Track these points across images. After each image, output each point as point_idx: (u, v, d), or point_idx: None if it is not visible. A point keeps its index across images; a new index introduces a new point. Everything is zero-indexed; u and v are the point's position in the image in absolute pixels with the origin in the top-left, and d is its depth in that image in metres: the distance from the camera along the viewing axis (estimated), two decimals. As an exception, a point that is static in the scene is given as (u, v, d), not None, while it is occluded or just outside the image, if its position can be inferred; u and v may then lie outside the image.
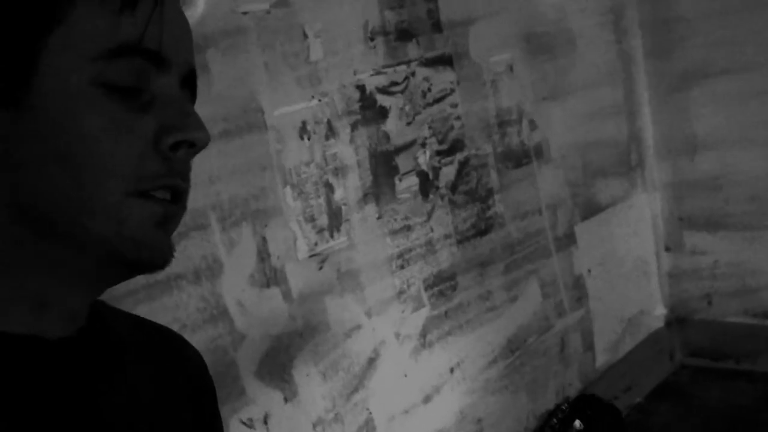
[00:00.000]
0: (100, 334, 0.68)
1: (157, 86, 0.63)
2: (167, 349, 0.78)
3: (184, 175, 0.65)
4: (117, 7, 0.61)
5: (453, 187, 2.17)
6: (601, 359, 2.75)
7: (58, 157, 0.60)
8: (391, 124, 1.99)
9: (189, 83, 0.67)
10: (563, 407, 0.83)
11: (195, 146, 0.65)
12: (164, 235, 0.64)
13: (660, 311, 3.07)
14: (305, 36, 1.77)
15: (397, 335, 2.00)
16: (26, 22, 0.59)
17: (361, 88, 1.91)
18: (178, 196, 0.65)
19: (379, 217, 1.95)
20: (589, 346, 2.70)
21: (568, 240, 2.60)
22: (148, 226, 0.63)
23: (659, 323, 3.06)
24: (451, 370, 2.15)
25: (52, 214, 0.61)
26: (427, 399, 2.08)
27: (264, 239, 1.68)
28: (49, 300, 0.63)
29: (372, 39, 1.94)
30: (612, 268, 2.81)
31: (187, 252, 1.53)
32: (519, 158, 2.40)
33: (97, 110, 0.60)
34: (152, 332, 0.78)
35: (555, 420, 0.82)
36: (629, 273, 2.91)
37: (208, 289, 1.57)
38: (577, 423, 0.83)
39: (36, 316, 0.63)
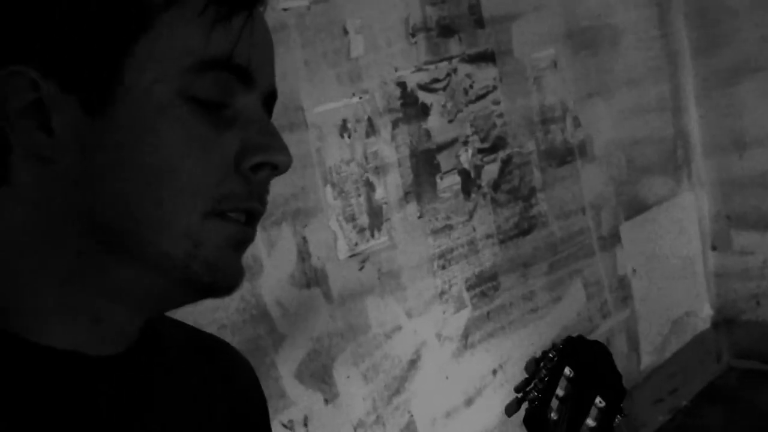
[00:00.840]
0: (148, 352, 0.65)
1: (241, 104, 0.60)
2: (218, 365, 0.75)
3: (263, 197, 0.62)
4: (211, 18, 0.58)
5: (495, 186, 2.13)
6: (647, 361, 2.70)
7: (138, 170, 0.57)
8: (433, 122, 1.96)
9: (268, 104, 0.64)
10: (551, 355, 0.80)
11: (277, 169, 0.61)
12: (237, 258, 0.61)
13: (707, 312, 3.01)
14: (346, 32, 1.74)
15: (439, 336, 1.97)
16: (114, 26, 0.56)
17: (402, 85, 1.88)
18: (253, 219, 0.62)
19: (420, 216, 1.92)
20: (634, 348, 2.65)
21: (612, 239, 2.55)
22: (224, 249, 0.60)
23: (706, 324, 2.99)
24: (494, 372, 2.11)
25: (124, 230, 0.58)
26: (469, 401, 2.04)
27: (304, 239, 1.66)
28: (103, 316, 0.61)
29: (413, 35, 1.91)
30: (657, 268, 2.75)
31: (227, 252, 1.51)
32: (562, 156, 2.36)
33: (182, 125, 0.57)
34: (204, 347, 0.75)
35: (544, 371, 0.79)
36: (675, 273, 2.86)
37: (248, 289, 1.56)
38: (567, 370, 0.79)
39: (87, 332, 0.60)
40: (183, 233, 0.58)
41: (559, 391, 0.87)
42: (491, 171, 2.13)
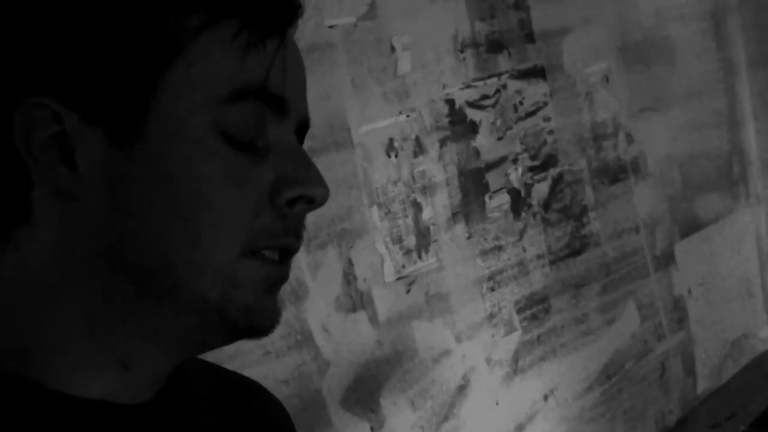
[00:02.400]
0: (178, 397, 0.61)
1: (275, 134, 0.57)
2: (250, 408, 0.71)
3: (299, 233, 0.59)
4: (244, 44, 0.55)
5: (546, 205, 2.08)
6: (703, 385, 2.62)
7: (171, 206, 0.53)
8: (482, 140, 1.91)
9: (300, 133, 0.61)
10: None
11: (314, 203, 0.58)
12: (273, 299, 0.58)
13: (765, 333, 2.92)
14: (393, 49, 1.71)
15: (488, 361, 1.92)
16: (144, 52, 0.53)
17: (450, 102, 1.84)
18: (287, 256, 0.58)
19: (468, 237, 1.87)
20: (689, 371, 2.57)
21: (666, 259, 2.48)
22: (260, 291, 0.56)
23: (765, 346, 2.90)
24: (545, 398, 2.05)
25: (156, 270, 0.54)
26: (519, 428, 1.99)
27: (350, 261, 1.62)
28: (133, 362, 0.57)
29: (462, 51, 1.86)
30: (714, 288, 2.68)
31: (271, 276, 1.48)
32: (615, 173, 2.30)
33: (216, 157, 0.54)
34: (234, 389, 0.72)
35: None
36: (732, 293, 2.78)
37: (292, 313, 1.52)
38: None
39: (115, 379, 0.56)
40: (220, 273, 0.54)
41: None
42: (542, 190, 2.07)
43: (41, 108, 0.53)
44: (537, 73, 2.06)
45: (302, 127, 0.61)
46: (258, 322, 0.57)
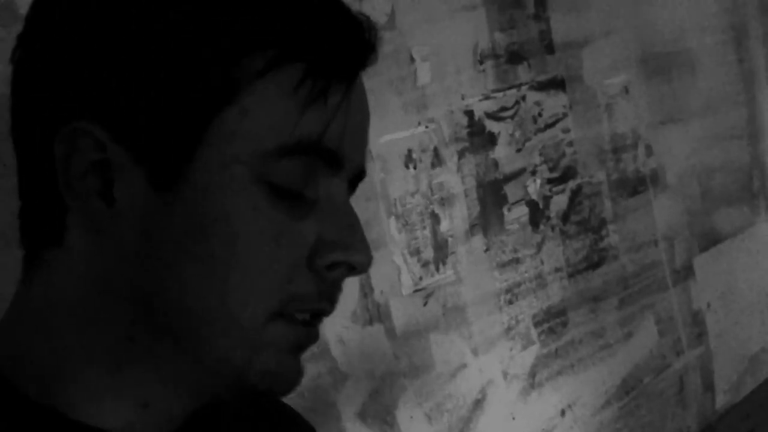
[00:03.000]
0: (203, 427, 0.60)
1: (323, 188, 0.54)
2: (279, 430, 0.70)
3: (333, 297, 0.57)
4: (304, 97, 0.51)
5: (564, 217, 2.06)
6: (721, 400, 2.59)
7: (204, 259, 0.51)
8: (500, 151, 1.90)
9: (354, 184, 0.58)
10: None
11: (354, 270, 0.56)
12: (297, 361, 0.56)
13: (785, 349, 2.88)
14: (412, 60, 1.70)
15: (505, 375, 1.90)
16: (198, 95, 0.49)
17: (469, 113, 1.82)
18: (318, 319, 0.57)
19: (486, 250, 1.86)
20: (708, 387, 2.54)
21: (686, 272, 2.46)
22: (284, 354, 0.54)
23: (784, 362, 2.87)
24: (562, 413, 2.03)
25: (181, 324, 0.52)
26: (536, 443, 1.96)
27: (367, 273, 1.60)
28: (152, 401, 0.55)
29: (481, 62, 1.85)
30: (733, 302, 2.65)
31: (288, 287, 1.47)
32: (634, 186, 2.28)
33: (257, 212, 0.51)
34: (263, 411, 0.70)
35: None
36: (752, 307, 2.74)
37: (309, 326, 1.50)
38: None
39: (134, 415, 0.55)
40: (244, 337, 0.52)
41: None
42: (560, 202, 2.05)
43: (85, 134, 0.50)
44: (556, 84, 2.05)
45: (357, 177, 0.58)
46: (277, 386, 0.55)
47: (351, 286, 1.58)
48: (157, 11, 0.49)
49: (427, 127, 1.73)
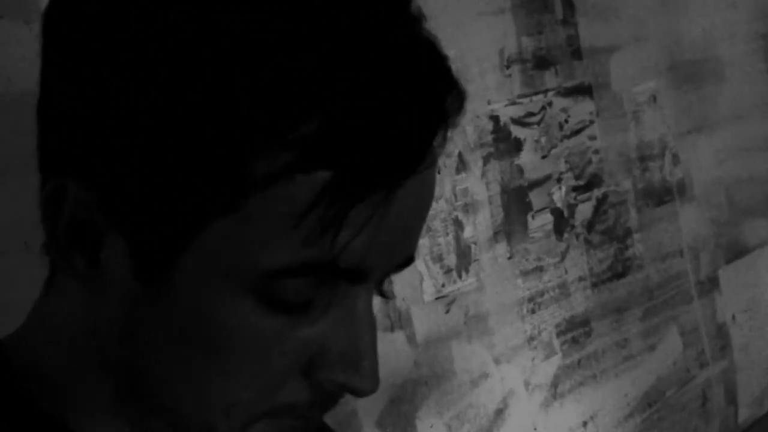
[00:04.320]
0: None
1: (341, 295, 0.46)
2: None
3: (327, 408, 0.50)
4: (319, 216, 0.41)
5: (589, 226, 2.03)
6: (744, 414, 2.54)
7: (184, 363, 0.45)
8: (526, 158, 1.87)
9: (394, 271, 0.51)
10: None
11: (354, 393, 0.49)
12: None
13: (810, 363, 2.83)
14: (438, 64, 1.67)
15: (527, 385, 1.87)
16: (200, 192, 0.41)
17: (494, 118, 1.80)
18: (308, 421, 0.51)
19: (510, 257, 1.83)
20: (731, 400, 2.50)
21: (711, 284, 2.42)
22: None
23: (809, 377, 2.82)
24: (584, 424, 2.00)
25: (160, 409, 0.48)
26: (557, 455, 1.93)
27: (389, 279, 1.58)
28: None
29: (508, 67, 1.82)
30: (758, 314, 2.60)
31: (309, 292, 1.45)
32: (660, 195, 2.24)
33: (249, 322, 0.44)
34: None
35: None
36: (777, 321, 2.70)
37: (329, 332, 1.49)
38: None
39: None
40: None
41: None
42: (585, 210, 2.02)
43: (76, 193, 0.45)
44: (584, 90, 2.02)
45: (400, 267, 0.51)
46: None
47: (373, 292, 1.56)
48: (167, 87, 0.41)
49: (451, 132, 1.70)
